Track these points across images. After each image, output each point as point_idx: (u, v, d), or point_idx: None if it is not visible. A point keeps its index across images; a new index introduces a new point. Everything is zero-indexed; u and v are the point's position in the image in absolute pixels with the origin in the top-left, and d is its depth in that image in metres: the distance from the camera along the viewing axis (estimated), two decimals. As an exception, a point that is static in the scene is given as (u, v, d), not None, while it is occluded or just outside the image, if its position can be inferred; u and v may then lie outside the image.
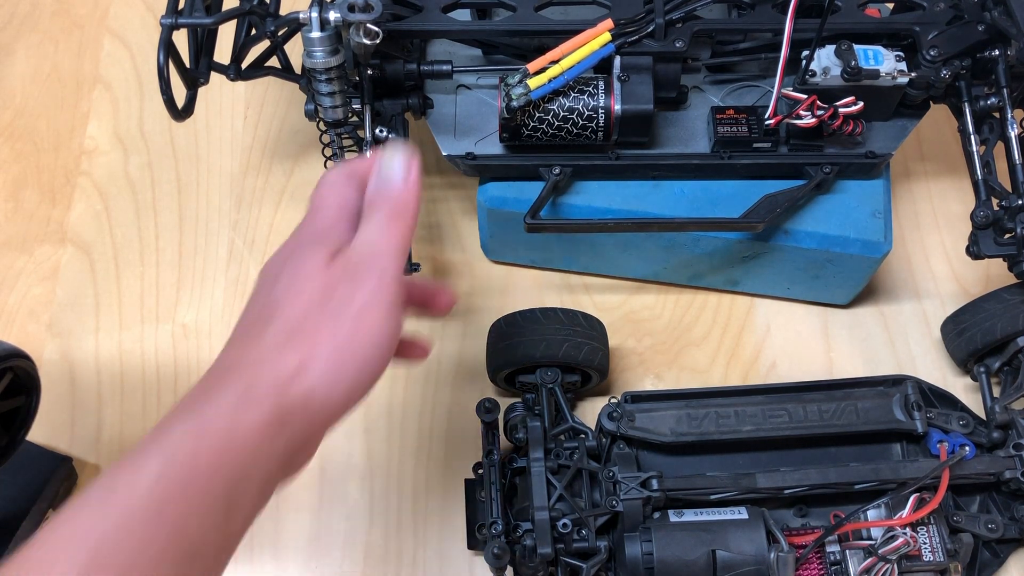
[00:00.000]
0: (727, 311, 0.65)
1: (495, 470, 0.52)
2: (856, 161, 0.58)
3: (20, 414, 0.55)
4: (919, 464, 0.52)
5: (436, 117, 0.59)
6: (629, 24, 0.55)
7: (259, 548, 0.57)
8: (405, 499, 0.59)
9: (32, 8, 0.79)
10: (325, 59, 0.50)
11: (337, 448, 0.60)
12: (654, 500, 0.50)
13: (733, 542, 0.48)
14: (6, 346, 0.54)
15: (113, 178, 0.71)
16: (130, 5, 0.79)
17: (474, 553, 0.56)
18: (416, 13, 0.56)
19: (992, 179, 0.55)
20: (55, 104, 0.74)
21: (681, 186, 0.59)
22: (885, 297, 0.66)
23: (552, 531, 0.49)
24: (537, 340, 0.56)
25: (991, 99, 0.56)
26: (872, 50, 0.55)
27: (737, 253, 0.60)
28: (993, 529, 0.52)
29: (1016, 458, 0.52)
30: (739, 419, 0.53)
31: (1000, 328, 0.56)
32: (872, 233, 0.58)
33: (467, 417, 0.61)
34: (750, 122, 0.57)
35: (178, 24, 0.53)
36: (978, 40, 0.55)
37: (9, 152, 0.72)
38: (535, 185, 0.58)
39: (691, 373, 0.63)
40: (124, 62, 0.76)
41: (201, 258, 0.68)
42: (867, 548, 0.50)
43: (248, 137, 0.73)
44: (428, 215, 0.69)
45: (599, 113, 0.55)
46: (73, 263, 0.67)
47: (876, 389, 0.55)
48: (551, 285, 0.66)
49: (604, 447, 0.54)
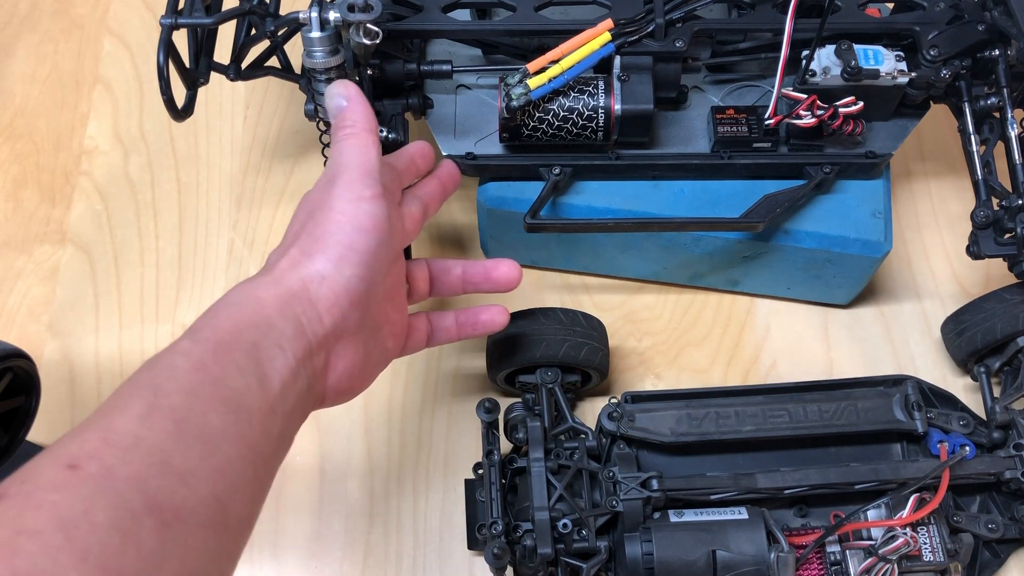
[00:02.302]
0: (727, 311, 0.65)
1: (495, 470, 0.52)
2: (856, 161, 0.58)
3: (20, 414, 0.55)
4: (919, 464, 0.52)
5: (436, 117, 0.59)
6: (629, 24, 0.55)
7: (259, 548, 0.57)
8: (405, 499, 0.59)
9: (32, 8, 0.79)
10: (325, 59, 0.50)
11: (337, 448, 0.60)
12: (654, 500, 0.50)
13: (733, 542, 0.48)
14: (6, 346, 0.54)
15: (113, 178, 0.71)
16: (130, 5, 0.79)
17: (474, 553, 0.56)
18: (416, 13, 0.56)
19: (992, 179, 0.55)
20: (55, 104, 0.74)
21: (681, 186, 0.59)
22: (885, 297, 0.66)
23: (552, 531, 0.49)
24: (537, 340, 0.56)
25: (991, 99, 0.56)
26: (872, 50, 0.55)
27: (737, 253, 0.60)
28: (993, 529, 0.52)
29: (1016, 458, 0.52)
30: (739, 419, 0.53)
31: (1000, 328, 0.56)
32: (872, 233, 0.58)
33: (467, 417, 0.61)
34: (750, 122, 0.58)
35: (178, 24, 0.53)
36: (978, 40, 0.55)
37: (9, 152, 0.72)
38: (535, 185, 0.58)
39: (691, 373, 0.63)
40: (124, 62, 0.76)
41: (201, 258, 0.68)
42: (867, 548, 0.50)
43: (248, 137, 0.73)
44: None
45: (599, 113, 0.55)
46: (73, 263, 0.67)
47: (876, 389, 0.55)
48: (551, 285, 0.66)
49: (604, 447, 0.54)
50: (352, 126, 0.45)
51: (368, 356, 0.45)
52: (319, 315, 0.41)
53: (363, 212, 0.43)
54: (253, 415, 0.37)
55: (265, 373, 0.38)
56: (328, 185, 0.44)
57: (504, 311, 0.53)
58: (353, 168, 0.44)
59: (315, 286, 0.41)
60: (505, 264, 0.52)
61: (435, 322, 0.52)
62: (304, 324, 0.40)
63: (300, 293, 0.41)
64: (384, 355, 0.48)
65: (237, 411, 0.36)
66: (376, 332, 0.46)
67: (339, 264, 0.42)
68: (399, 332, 0.49)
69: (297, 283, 0.41)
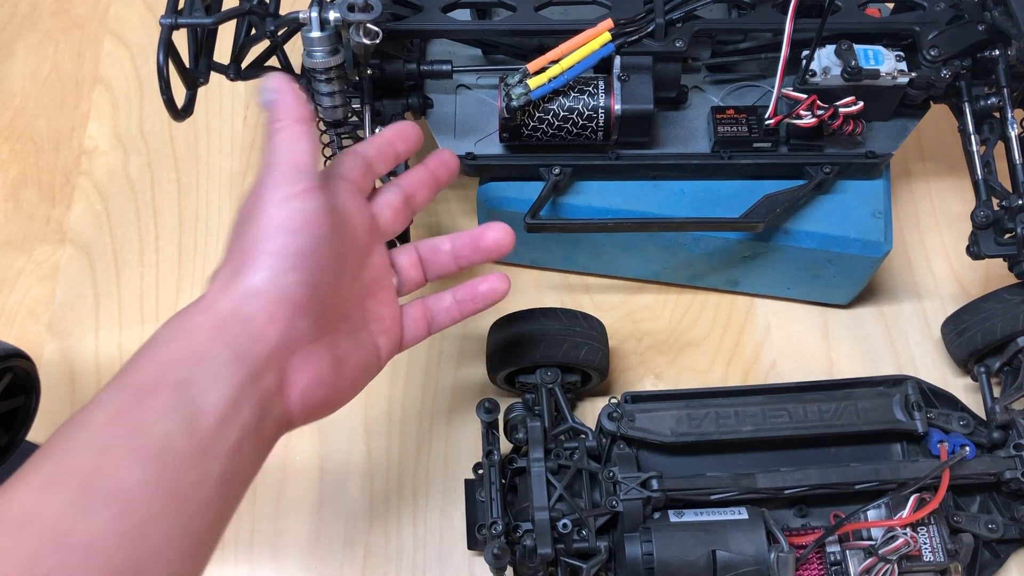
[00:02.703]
0: (727, 311, 0.65)
1: (495, 470, 0.52)
2: (856, 161, 0.58)
3: (20, 414, 0.55)
4: (919, 464, 0.52)
5: (436, 117, 0.59)
6: (629, 24, 0.55)
7: (259, 548, 0.57)
8: (405, 499, 0.59)
9: (32, 8, 0.79)
10: (325, 59, 0.50)
11: (337, 448, 0.60)
12: (654, 500, 0.50)
13: (733, 542, 0.48)
14: (6, 346, 0.54)
15: (113, 178, 0.71)
16: (130, 5, 0.79)
17: (474, 553, 0.56)
18: (416, 13, 0.56)
19: (992, 179, 0.55)
20: (55, 104, 0.74)
21: (681, 186, 0.59)
22: (885, 297, 0.66)
23: (552, 531, 0.49)
24: (537, 340, 0.56)
25: (991, 99, 0.56)
26: (872, 50, 0.55)
27: (737, 253, 0.60)
28: (993, 529, 0.52)
29: (1016, 458, 0.52)
30: (739, 419, 0.53)
31: (1000, 328, 0.56)
32: (872, 233, 0.58)
33: (467, 417, 0.61)
34: (750, 122, 0.57)
35: (178, 24, 0.53)
36: (978, 40, 0.55)
37: (9, 152, 0.72)
38: (535, 185, 0.58)
39: (691, 373, 0.63)
40: (124, 62, 0.76)
41: (201, 258, 0.68)
42: (867, 548, 0.50)
43: (248, 137, 0.73)
44: (428, 215, 0.69)
45: (599, 113, 0.55)
46: (73, 263, 0.67)
47: (876, 389, 0.55)
48: (551, 285, 0.66)
49: (604, 447, 0.54)
50: (280, 120, 0.42)
51: (343, 362, 0.42)
52: (259, 333, 0.37)
53: (293, 211, 0.39)
54: (182, 461, 0.33)
55: (197, 411, 0.34)
56: (257, 188, 0.40)
57: (504, 278, 0.48)
58: (280, 164, 0.40)
59: (249, 303, 0.38)
60: (493, 229, 0.48)
61: (432, 306, 0.48)
62: (242, 347, 0.37)
63: (233, 314, 0.37)
64: (372, 355, 0.45)
65: (160, 461, 0.33)
66: (354, 333, 0.43)
67: (273, 273, 0.38)
68: (390, 327, 0.46)
69: (229, 304, 0.38)
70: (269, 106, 0.42)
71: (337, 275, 0.41)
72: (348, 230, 0.43)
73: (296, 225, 0.39)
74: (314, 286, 0.39)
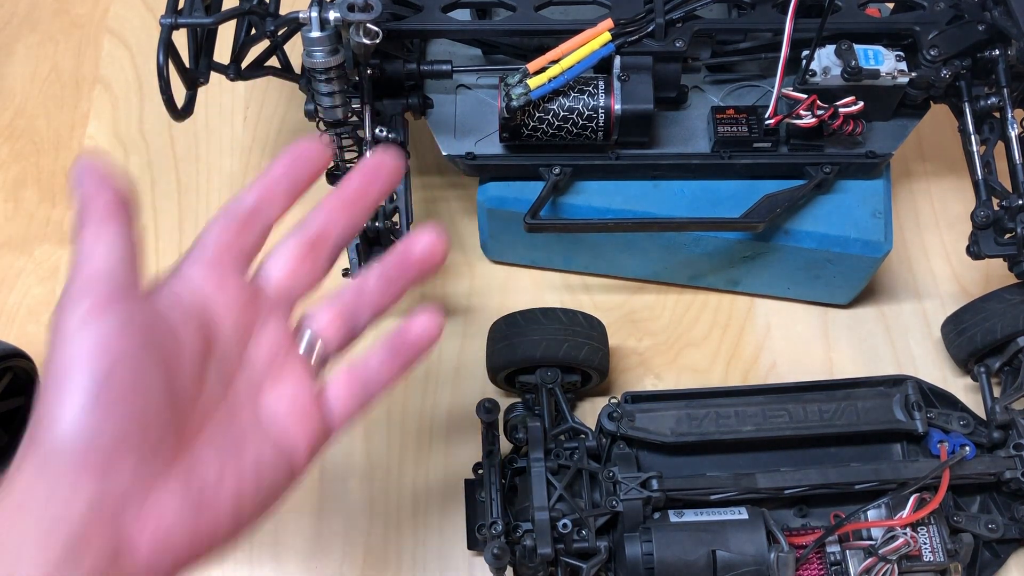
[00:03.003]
0: (727, 311, 0.65)
1: (495, 470, 0.52)
2: (856, 161, 0.58)
3: (20, 414, 0.55)
4: (919, 464, 0.52)
5: (436, 117, 0.59)
6: (629, 24, 0.55)
7: (259, 548, 0.57)
8: (405, 499, 0.59)
9: (32, 8, 0.79)
10: (325, 59, 0.50)
11: (337, 448, 0.60)
12: (654, 500, 0.50)
13: (733, 542, 0.48)
14: (6, 346, 0.54)
15: (113, 178, 0.71)
16: (130, 5, 0.79)
17: (474, 553, 0.56)
18: (416, 13, 0.56)
19: (992, 179, 0.55)
20: (55, 104, 0.74)
21: (681, 186, 0.59)
22: (885, 297, 0.66)
23: (552, 531, 0.49)
24: (537, 340, 0.56)
25: (991, 99, 0.56)
26: (872, 50, 0.55)
27: (737, 253, 0.60)
28: (993, 529, 0.52)
29: (1016, 458, 0.52)
30: (739, 419, 0.53)
31: (1000, 328, 0.56)
32: (872, 233, 0.58)
33: (467, 417, 0.61)
34: (750, 122, 0.57)
35: (178, 24, 0.53)
36: (978, 40, 0.55)
37: (9, 152, 0.72)
38: (535, 185, 0.58)
39: (691, 373, 0.63)
40: (124, 62, 0.76)
41: (201, 258, 0.67)
42: (867, 548, 0.50)
43: (248, 137, 0.73)
44: (428, 215, 0.69)
45: (599, 113, 0.55)
46: (73, 263, 0.67)
47: (876, 389, 0.55)
48: (551, 285, 0.66)
49: (604, 447, 0.54)
50: (82, 216, 0.35)
51: (214, 486, 0.33)
52: (66, 499, 0.30)
53: (86, 338, 0.31)
54: None
55: None
56: (57, 307, 0.33)
57: (434, 315, 0.39)
58: (75, 278, 0.33)
59: (44, 471, 0.30)
60: (421, 236, 0.39)
61: (360, 370, 0.38)
62: (47, 524, 0.30)
63: (27, 489, 0.30)
64: (272, 461, 0.36)
65: None
66: (232, 446, 0.34)
67: (72, 424, 0.30)
68: (302, 416, 0.37)
69: (28, 474, 0.30)
70: (75, 197, 0.35)
71: (170, 394, 0.33)
72: (188, 331, 0.35)
73: (92, 353, 0.31)
74: (127, 420, 0.31)
